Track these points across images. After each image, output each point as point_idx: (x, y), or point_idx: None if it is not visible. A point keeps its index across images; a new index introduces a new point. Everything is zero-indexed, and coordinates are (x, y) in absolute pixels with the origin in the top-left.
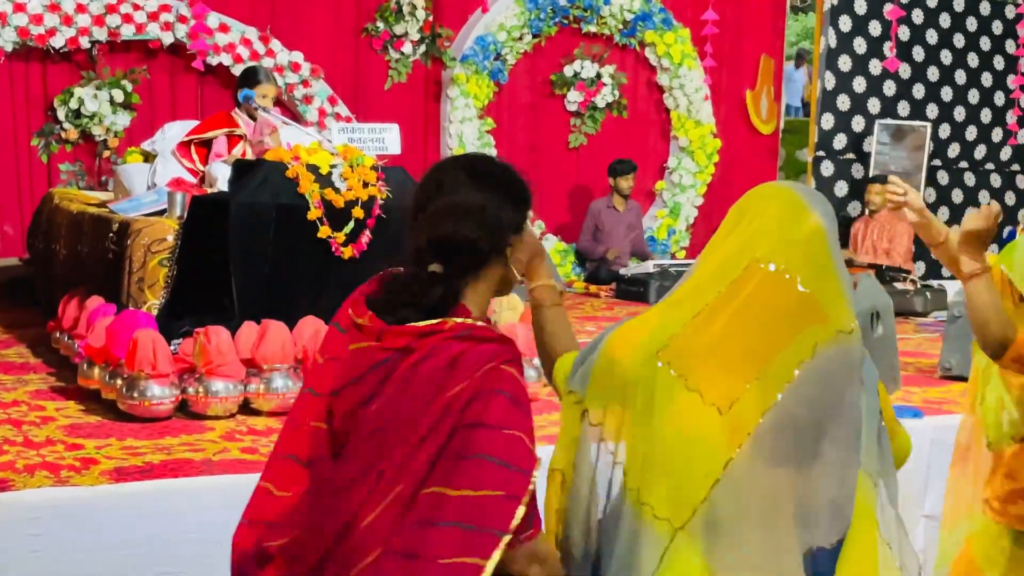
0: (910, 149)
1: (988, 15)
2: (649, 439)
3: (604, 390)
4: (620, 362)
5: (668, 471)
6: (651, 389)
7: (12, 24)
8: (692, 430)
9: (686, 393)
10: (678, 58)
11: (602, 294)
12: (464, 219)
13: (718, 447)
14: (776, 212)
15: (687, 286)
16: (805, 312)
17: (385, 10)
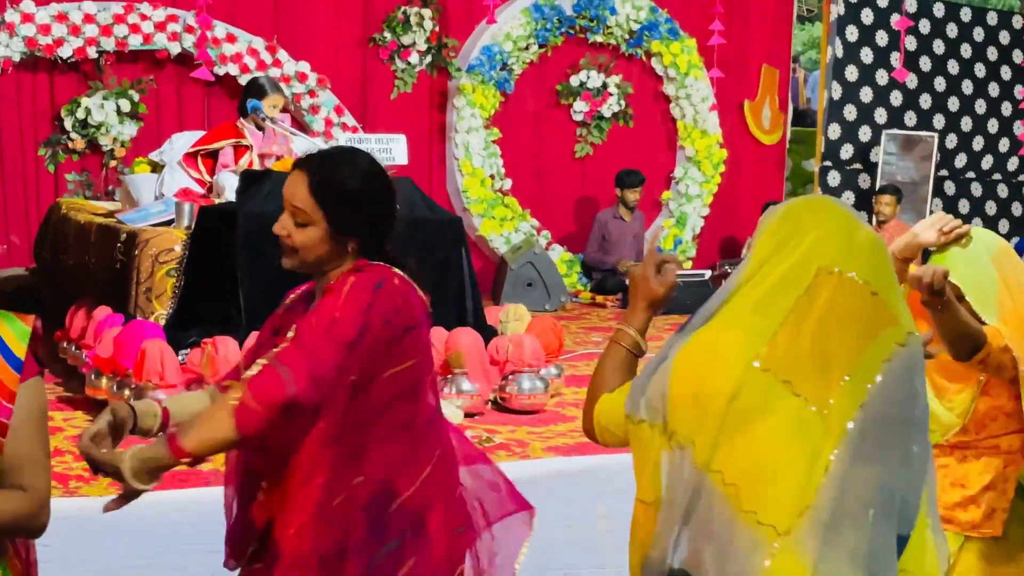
0: (917, 159)
1: (995, 25)
2: (752, 447)
3: (692, 409)
4: (710, 377)
5: (772, 478)
6: (754, 398)
7: (20, 34)
8: (798, 435)
9: (792, 399)
10: (684, 68)
11: (608, 304)
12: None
13: (821, 450)
14: (833, 222)
15: (750, 298)
16: (879, 315)
17: (392, 20)
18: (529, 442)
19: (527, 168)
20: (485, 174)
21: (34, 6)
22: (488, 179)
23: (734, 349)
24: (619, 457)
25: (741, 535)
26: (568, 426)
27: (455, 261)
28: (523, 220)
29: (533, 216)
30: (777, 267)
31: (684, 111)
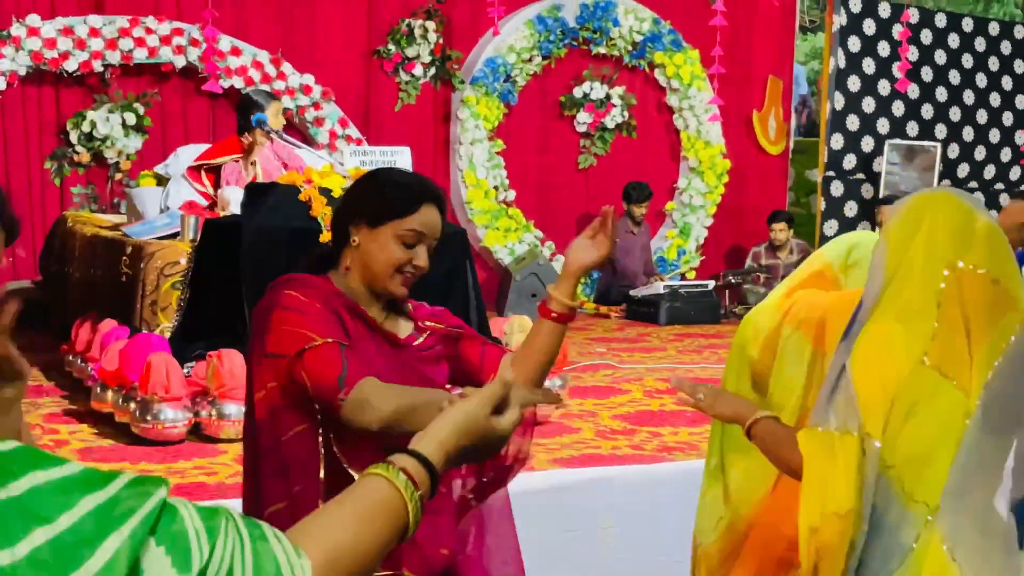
0: (920, 169)
1: (996, 35)
2: (916, 435)
3: (879, 406)
4: (889, 377)
5: (930, 460)
6: (924, 391)
7: (26, 48)
8: (953, 421)
9: (954, 392)
10: (687, 79)
11: (612, 315)
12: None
13: (963, 432)
14: (951, 218)
15: (901, 298)
16: (1001, 301)
17: (396, 32)
18: (534, 454)
19: (531, 179)
20: (489, 185)
21: (40, 20)
22: (492, 190)
23: (904, 348)
24: (624, 469)
25: (895, 512)
26: (573, 437)
27: (460, 273)
28: (527, 231)
29: (537, 227)
30: (912, 268)
31: (687, 122)
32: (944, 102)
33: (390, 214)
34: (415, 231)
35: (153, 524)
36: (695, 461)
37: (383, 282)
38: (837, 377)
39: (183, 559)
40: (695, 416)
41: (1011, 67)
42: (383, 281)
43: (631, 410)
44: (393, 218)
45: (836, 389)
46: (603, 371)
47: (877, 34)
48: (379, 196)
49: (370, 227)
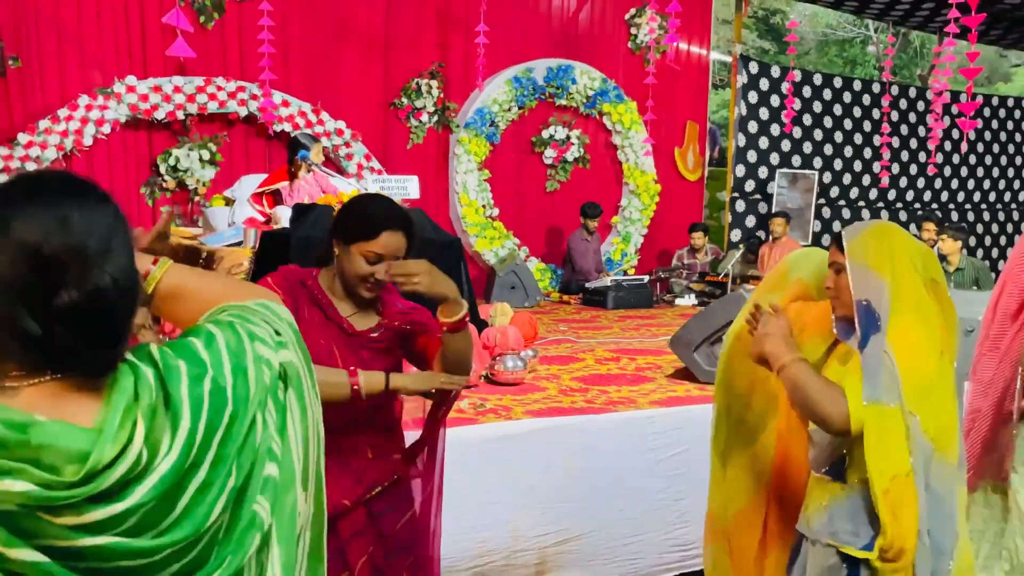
0: (802, 191)
1: (859, 90)
2: (940, 409)
3: (915, 388)
4: (922, 365)
5: (951, 430)
6: (942, 375)
7: (125, 101)
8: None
9: (953, 371)
10: (628, 124)
11: (571, 302)
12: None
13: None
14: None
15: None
16: (945, 296)
17: (407, 89)
18: (512, 407)
19: (510, 200)
20: (479, 204)
21: (136, 80)
22: (481, 208)
23: (927, 342)
24: (580, 418)
25: (940, 473)
26: (542, 394)
27: (456, 272)
28: (507, 239)
29: (515, 236)
30: (902, 281)
31: (628, 156)
32: (820, 140)
33: (357, 237)
34: (376, 253)
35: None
36: (633, 411)
37: (353, 287)
38: (878, 360)
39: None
40: (633, 378)
41: (870, 114)
42: (353, 286)
43: (585, 373)
44: (359, 240)
45: (879, 370)
46: (565, 344)
47: (769, 90)
48: (352, 221)
49: (344, 244)
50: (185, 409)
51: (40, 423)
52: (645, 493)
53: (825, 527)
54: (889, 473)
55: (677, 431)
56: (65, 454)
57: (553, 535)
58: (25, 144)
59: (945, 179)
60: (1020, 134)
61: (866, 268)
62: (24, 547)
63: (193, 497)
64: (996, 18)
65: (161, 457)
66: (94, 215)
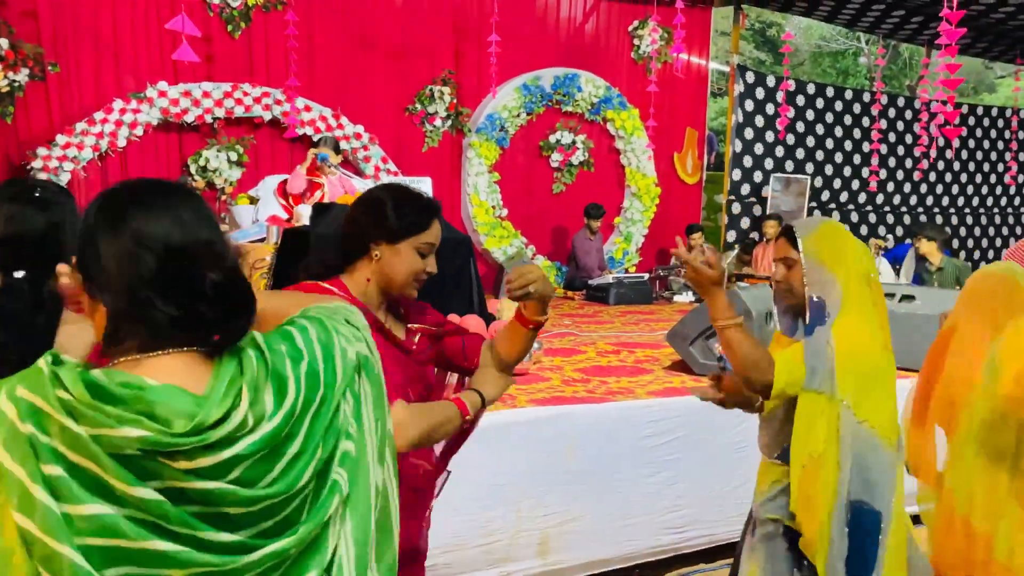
0: (795, 195)
1: (850, 99)
2: (881, 398)
3: (853, 379)
4: (863, 358)
5: (889, 412)
6: (884, 367)
7: (157, 105)
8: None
9: (895, 364)
10: (630, 130)
11: (576, 298)
12: (343, 225)
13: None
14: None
15: (855, 301)
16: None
17: (422, 95)
18: (517, 396)
19: (519, 201)
20: (488, 205)
21: (167, 85)
22: (491, 208)
23: (869, 336)
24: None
25: (875, 446)
26: (545, 384)
27: (467, 268)
28: (515, 238)
29: (523, 235)
30: (851, 279)
31: (630, 160)
32: (812, 147)
33: (411, 231)
34: (430, 243)
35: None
36: (631, 401)
37: (403, 288)
38: (821, 351)
39: (343, 335)
40: (632, 370)
41: (860, 122)
42: (404, 288)
43: (587, 365)
44: (414, 234)
45: (821, 360)
46: (568, 337)
47: (765, 98)
48: (398, 216)
49: (392, 242)
50: (291, 384)
51: (153, 386)
52: (641, 478)
53: (767, 504)
54: (807, 451)
55: (672, 420)
56: (175, 410)
57: (554, 516)
58: (63, 145)
59: (930, 184)
60: (1002, 142)
61: (821, 266)
62: (143, 487)
63: (289, 462)
64: (982, 32)
65: (267, 421)
66: (200, 209)
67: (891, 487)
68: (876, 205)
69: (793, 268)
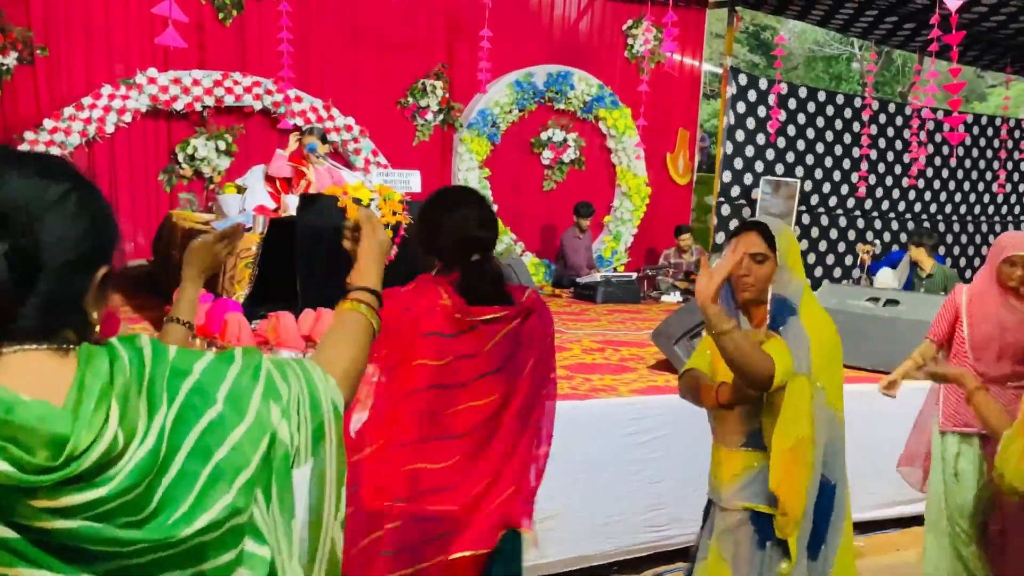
0: (784, 198)
1: (842, 104)
2: (838, 378)
3: (824, 363)
4: (828, 343)
5: (840, 386)
6: (839, 346)
7: (146, 92)
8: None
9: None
10: (622, 129)
11: (563, 296)
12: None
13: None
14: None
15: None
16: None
17: (414, 89)
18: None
19: (509, 197)
20: None
21: (157, 72)
22: None
23: (830, 324)
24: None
25: (834, 421)
26: None
27: None
28: (505, 234)
29: (512, 232)
30: (801, 272)
31: (621, 159)
32: (802, 150)
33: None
34: None
35: (265, 381)
36: (614, 399)
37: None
38: (800, 338)
39: (277, 395)
40: (617, 368)
41: (851, 127)
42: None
43: (571, 362)
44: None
45: (801, 345)
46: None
47: (757, 101)
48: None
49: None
50: (164, 397)
51: (25, 403)
52: (623, 476)
53: (738, 493)
54: (795, 434)
55: (655, 418)
56: (42, 437)
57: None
58: (50, 130)
59: (919, 191)
60: (991, 151)
61: (789, 269)
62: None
63: (163, 499)
64: (973, 39)
65: (138, 442)
66: (35, 182)
67: (843, 457)
68: (864, 210)
69: (764, 264)
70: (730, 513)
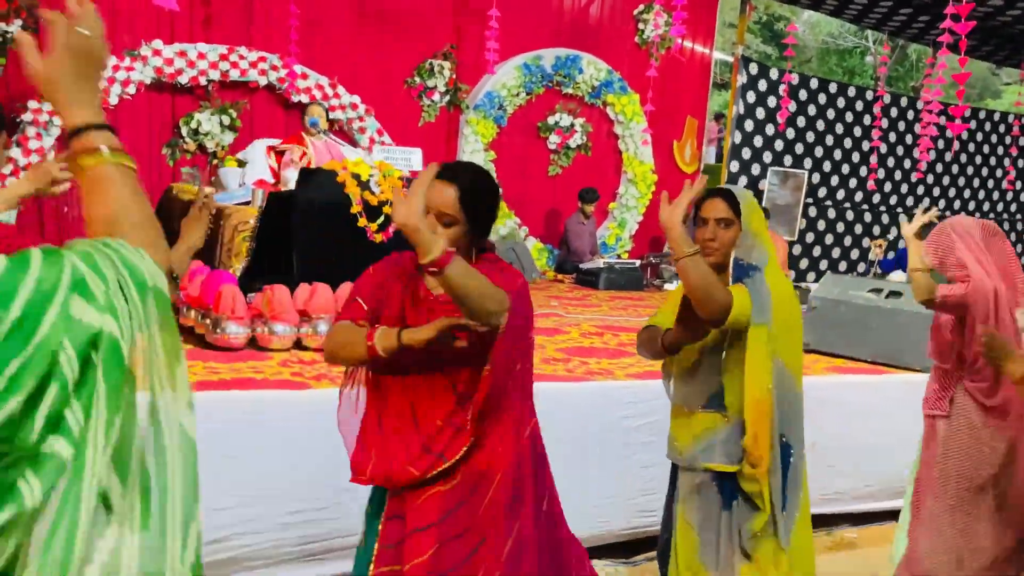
0: (792, 189)
1: (853, 96)
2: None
3: (780, 319)
4: (788, 302)
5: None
6: (799, 316)
7: (151, 64)
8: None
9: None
10: (629, 115)
11: (565, 281)
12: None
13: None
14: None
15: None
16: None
17: (421, 69)
18: None
19: (514, 181)
20: None
21: (162, 44)
22: None
23: (792, 295)
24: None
25: (792, 384)
26: None
27: None
28: (509, 218)
29: (517, 216)
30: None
31: (628, 146)
32: (812, 142)
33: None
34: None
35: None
36: (609, 382)
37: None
38: (763, 291)
39: (91, 295)
40: (614, 352)
41: (862, 119)
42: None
43: (569, 345)
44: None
45: (765, 299)
46: (553, 318)
47: (767, 91)
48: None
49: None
50: None
51: None
52: (615, 459)
53: (700, 455)
54: (761, 386)
55: (650, 403)
56: None
57: None
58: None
59: (927, 186)
60: (1002, 147)
61: (753, 235)
62: None
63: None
64: (988, 35)
65: None
66: None
67: (801, 423)
68: (872, 204)
69: (729, 229)
70: (694, 474)
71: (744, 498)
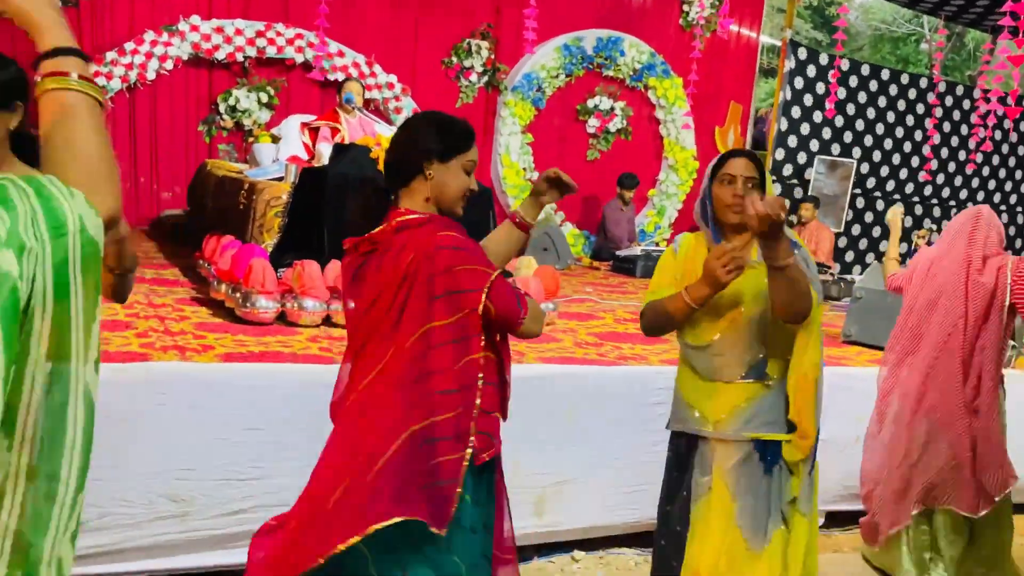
0: (839, 179)
1: (907, 84)
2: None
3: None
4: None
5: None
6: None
7: (188, 40)
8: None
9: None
10: (672, 99)
11: (602, 268)
12: (390, 151)
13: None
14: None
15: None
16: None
17: (459, 49)
18: (526, 352)
19: (551, 165)
20: (519, 167)
21: (200, 20)
22: (521, 171)
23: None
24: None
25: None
26: (556, 344)
27: (484, 221)
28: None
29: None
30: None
31: (669, 131)
32: (861, 131)
33: (458, 149)
34: (473, 162)
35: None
36: (642, 367)
37: (454, 204)
38: (811, 269)
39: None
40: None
41: (915, 108)
42: (455, 204)
43: (603, 330)
44: (461, 152)
45: (815, 277)
46: (587, 304)
47: (816, 77)
48: (449, 135)
49: (442, 161)
50: None
51: None
52: (643, 446)
53: (744, 425)
54: (812, 360)
55: None
56: None
57: (551, 475)
58: (92, 74)
59: (983, 179)
60: None
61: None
62: None
63: None
64: None
65: None
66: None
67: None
68: (923, 196)
69: (755, 189)
70: (735, 445)
71: (782, 465)
